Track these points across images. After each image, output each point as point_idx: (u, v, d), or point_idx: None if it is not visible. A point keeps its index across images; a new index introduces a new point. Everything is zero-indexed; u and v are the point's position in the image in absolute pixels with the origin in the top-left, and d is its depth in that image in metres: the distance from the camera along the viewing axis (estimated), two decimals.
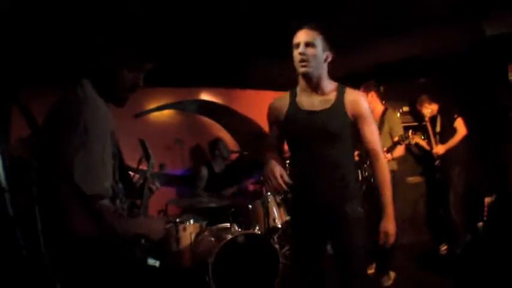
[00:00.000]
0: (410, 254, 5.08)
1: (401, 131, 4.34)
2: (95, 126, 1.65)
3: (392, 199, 4.11)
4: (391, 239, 2.55)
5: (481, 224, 4.85)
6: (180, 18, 4.01)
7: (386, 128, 4.44)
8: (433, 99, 5.31)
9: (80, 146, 1.59)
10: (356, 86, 4.62)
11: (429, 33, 4.87)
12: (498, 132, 5.18)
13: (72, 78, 1.78)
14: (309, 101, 2.51)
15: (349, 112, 2.45)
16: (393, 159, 4.28)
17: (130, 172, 2.07)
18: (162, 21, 3.92)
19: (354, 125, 2.49)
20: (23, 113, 1.70)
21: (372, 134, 2.50)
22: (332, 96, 2.48)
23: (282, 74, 5.54)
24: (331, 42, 2.50)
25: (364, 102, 2.49)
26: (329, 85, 2.52)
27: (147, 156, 2.42)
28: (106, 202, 1.71)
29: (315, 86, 2.49)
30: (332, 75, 2.54)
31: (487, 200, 4.90)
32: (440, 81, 5.63)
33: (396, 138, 4.22)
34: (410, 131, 4.17)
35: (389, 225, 2.56)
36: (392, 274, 4.34)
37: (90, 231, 1.62)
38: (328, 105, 2.46)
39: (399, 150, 4.33)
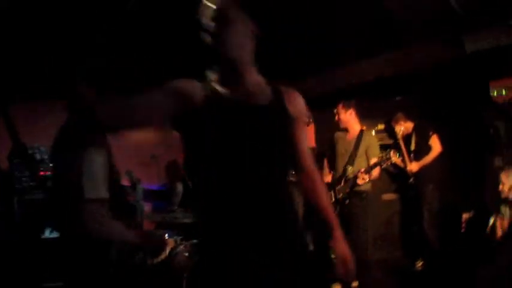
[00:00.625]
0: (384, 270, 5.08)
1: (378, 152, 4.34)
2: None
3: (366, 216, 4.29)
4: (352, 265, 1.84)
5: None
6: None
7: (362, 148, 4.38)
8: (408, 117, 5.37)
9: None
10: (333, 105, 4.66)
11: (409, 50, 4.93)
12: (479, 148, 5.21)
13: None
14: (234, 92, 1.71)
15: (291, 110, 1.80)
16: (369, 180, 4.22)
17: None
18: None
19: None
20: (7, 125, 1.65)
21: (306, 143, 1.93)
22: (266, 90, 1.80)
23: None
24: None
25: (303, 101, 1.89)
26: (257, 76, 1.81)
27: (133, 185, 2.51)
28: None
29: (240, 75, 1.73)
30: (309, 95, 2.27)
31: (465, 216, 4.92)
32: (418, 99, 5.68)
33: (375, 160, 4.21)
34: (391, 152, 4.16)
35: (345, 249, 1.85)
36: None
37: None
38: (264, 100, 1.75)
39: (377, 171, 4.28)
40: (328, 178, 4.59)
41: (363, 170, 4.15)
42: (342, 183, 4.33)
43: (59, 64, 4.14)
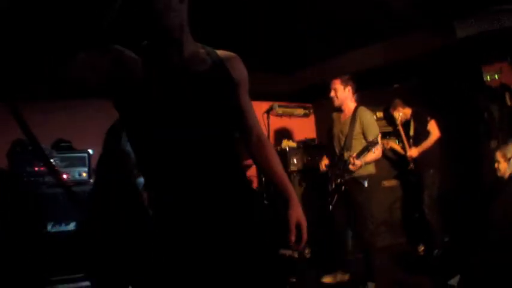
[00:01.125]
0: (388, 256, 5.10)
1: (377, 131, 4.06)
2: None
3: (370, 204, 4.07)
4: (306, 233, 1.80)
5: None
6: None
7: (358, 127, 4.10)
8: (406, 104, 5.37)
9: None
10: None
11: (400, 38, 4.98)
12: (475, 132, 5.27)
13: None
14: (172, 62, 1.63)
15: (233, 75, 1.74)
16: (366, 163, 4.00)
17: None
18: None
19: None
20: (20, 123, 1.59)
21: (251, 107, 1.86)
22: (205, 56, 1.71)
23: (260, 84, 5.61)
24: None
25: (243, 65, 1.82)
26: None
27: None
28: None
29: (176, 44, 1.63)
30: (307, 84, 2.26)
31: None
32: (414, 86, 5.73)
33: (365, 143, 3.99)
34: (379, 136, 4.04)
35: (300, 215, 1.80)
36: (371, 285, 4.06)
37: None
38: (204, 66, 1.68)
39: (371, 156, 4.01)
40: (326, 163, 4.44)
41: (354, 155, 3.91)
42: (341, 169, 4.09)
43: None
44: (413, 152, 5.17)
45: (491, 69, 5.53)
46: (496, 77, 5.55)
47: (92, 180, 4.29)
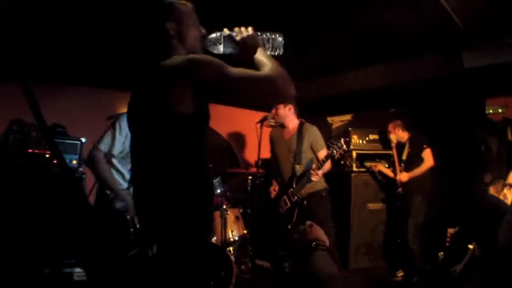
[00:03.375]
0: (366, 278, 5.09)
1: (323, 144, 4.09)
2: None
3: (328, 215, 4.15)
4: None
5: (441, 253, 4.86)
6: None
7: (306, 144, 4.12)
8: (405, 127, 5.30)
9: None
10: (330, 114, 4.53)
11: (407, 63, 4.93)
12: (470, 164, 5.21)
13: None
14: None
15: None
16: (323, 175, 4.04)
17: None
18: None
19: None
20: (27, 94, 1.60)
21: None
22: None
23: None
24: None
25: None
26: None
27: None
28: None
29: None
30: (302, 101, 2.25)
31: (450, 230, 4.91)
32: (412, 112, 5.67)
33: (325, 152, 3.95)
34: (342, 139, 3.97)
35: None
36: None
37: None
38: None
39: (328, 165, 4.05)
40: (275, 187, 4.40)
41: (314, 166, 3.90)
42: (294, 185, 4.09)
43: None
44: (403, 177, 5.11)
45: (495, 103, 5.48)
46: (500, 111, 5.50)
47: (81, 169, 4.31)
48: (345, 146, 3.89)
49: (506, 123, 5.36)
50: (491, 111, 5.45)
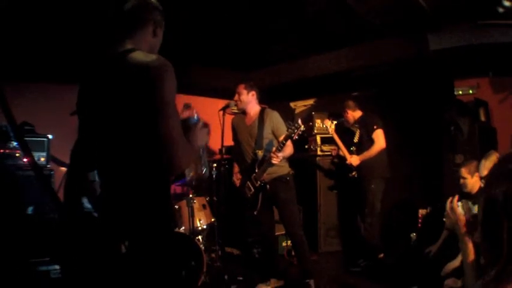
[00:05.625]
0: (333, 259, 5.15)
1: (285, 129, 3.96)
2: None
3: (294, 200, 4.06)
4: None
5: (414, 234, 4.87)
6: None
7: (267, 128, 4.08)
8: (358, 106, 5.07)
9: None
10: (292, 99, 4.52)
11: (372, 46, 4.94)
12: (439, 146, 5.22)
13: None
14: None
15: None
16: (284, 157, 3.99)
17: None
18: None
19: None
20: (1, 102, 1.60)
21: None
22: None
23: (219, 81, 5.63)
24: None
25: None
26: None
27: None
28: None
29: None
30: (265, 87, 2.25)
31: (421, 211, 4.93)
32: (375, 95, 5.67)
33: (286, 133, 3.84)
34: (299, 120, 3.84)
35: None
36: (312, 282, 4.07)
37: None
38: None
39: (290, 148, 3.98)
40: (237, 171, 4.38)
41: (274, 148, 3.85)
42: (256, 170, 4.05)
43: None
44: (353, 160, 4.85)
45: (466, 84, 5.50)
46: (471, 92, 5.52)
47: (49, 166, 4.34)
48: (302, 127, 3.78)
49: (478, 104, 5.37)
50: (460, 92, 5.47)
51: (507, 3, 3.92)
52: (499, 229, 1.12)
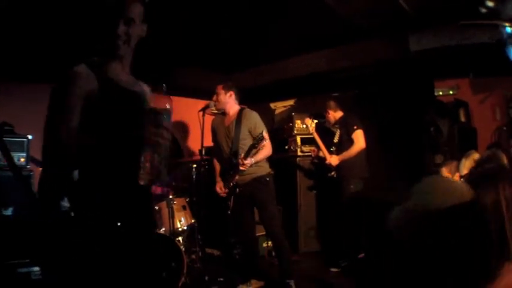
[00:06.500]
0: (313, 260, 5.17)
1: (264, 129, 4.02)
2: None
3: (273, 200, 4.05)
4: None
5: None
6: None
7: (244, 129, 4.05)
8: (339, 106, 5.10)
9: None
10: (273, 100, 4.47)
11: (353, 47, 4.96)
12: (419, 146, 5.24)
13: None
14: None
15: None
16: (257, 161, 3.96)
17: None
18: None
19: None
20: None
21: None
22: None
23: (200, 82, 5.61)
24: None
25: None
26: None
27: None
28: None
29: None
30: (246, 88, 2.23)
31: None
32: (355, 95, 5.69)
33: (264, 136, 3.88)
34: (263, 131, 3.91)
35: None
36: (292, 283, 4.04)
37: None
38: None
39: (266, 151, 3.98)
40: (218, 178, 4.33)
41: (241, 156, 3.88)
42: (231, 172, 4.06)
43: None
44: (333, 160, 4.87)
45: (446, 85, 5.55)
46: (451, 93, 5.57)
47: (29, 166, 4.31)
48: (266, 139, 3.86)
49: (458, 105, 5.43)
50: (440, 93, 5.52)
51: (490, 4, 3.96)
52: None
